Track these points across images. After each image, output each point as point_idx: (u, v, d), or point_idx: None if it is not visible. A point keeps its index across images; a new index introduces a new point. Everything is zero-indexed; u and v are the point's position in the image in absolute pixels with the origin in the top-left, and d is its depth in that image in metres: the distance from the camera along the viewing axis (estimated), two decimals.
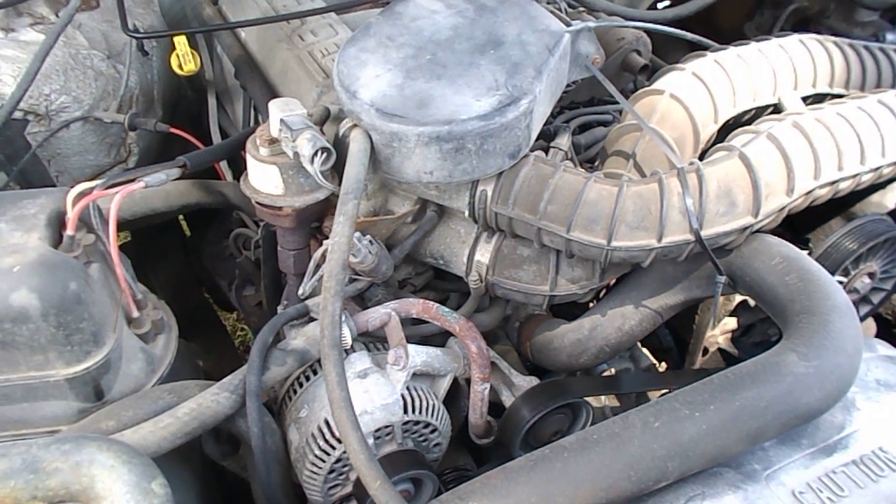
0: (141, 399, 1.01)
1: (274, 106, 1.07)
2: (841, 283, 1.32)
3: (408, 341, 1.09)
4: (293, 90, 1.36)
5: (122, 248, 1.59)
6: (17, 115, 1.43)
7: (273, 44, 1.45)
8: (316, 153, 1.00)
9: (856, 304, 1.39)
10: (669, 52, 2.26)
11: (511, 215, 1.09)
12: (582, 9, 1.64)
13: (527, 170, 1.09)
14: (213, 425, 1.01)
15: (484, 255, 1.19)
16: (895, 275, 1.41)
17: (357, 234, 1.07)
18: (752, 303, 1.45)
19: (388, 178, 1.09)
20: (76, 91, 1.46)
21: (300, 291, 1.08)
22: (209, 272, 1.74)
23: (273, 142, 1.08)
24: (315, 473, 1.09)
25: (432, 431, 1.16)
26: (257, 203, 1.11)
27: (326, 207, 1.18)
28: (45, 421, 0.99)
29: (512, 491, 0.87)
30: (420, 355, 1.13)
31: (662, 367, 1.61)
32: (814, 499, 0.90)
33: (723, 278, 1.05)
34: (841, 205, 1.99)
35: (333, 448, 1.07)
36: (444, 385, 1.18)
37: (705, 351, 1.54)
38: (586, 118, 1.45)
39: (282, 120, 1.05)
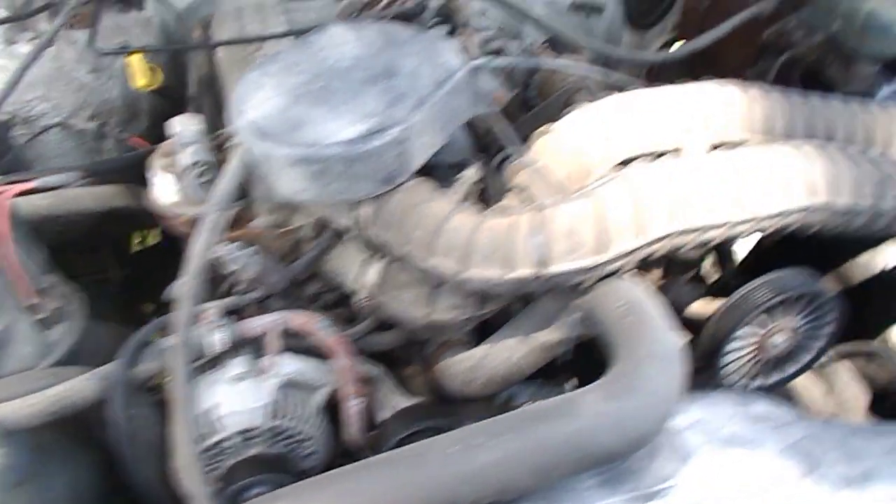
0: (23, 378, 1.11)
1: (176, 120, 1.17)
2: (756, 335, 1.29)
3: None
4: None
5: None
6: (3, 118, 1.60)
7: (232, 65, 1.55)
8: (194, 164, 1.08)
9: (778, 360, 1.35)
10: None
11: (384, 238, 1.14)
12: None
13: (400, 196, 1.13)
14: (82, 408, 1.09)
15: (372, 275, 1.24)
16: (824, 334, 1.36)
17: (237, 244, 1.14)
18: None
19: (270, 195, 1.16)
20: (56, 99, 1.61)
21: (164, 295, 1.16)
22: None
23: (171, 154, 1.17)
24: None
25: (304, 440, 1.21)
26: (155, 212, 1.20)
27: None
28: None
29: (315, 498, 0.91)
30: (293, 365, 1.19)
31: None
32: None
33: (576, 316, 1.06)
34: (827, 263, 1.93)
35: (209, 437, 1.14)
36: (320, 397, 1.23)
37: None
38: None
39: (177, 133, 1.14)
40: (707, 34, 2.01)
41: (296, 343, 1.23)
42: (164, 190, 1.17)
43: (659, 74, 2.41)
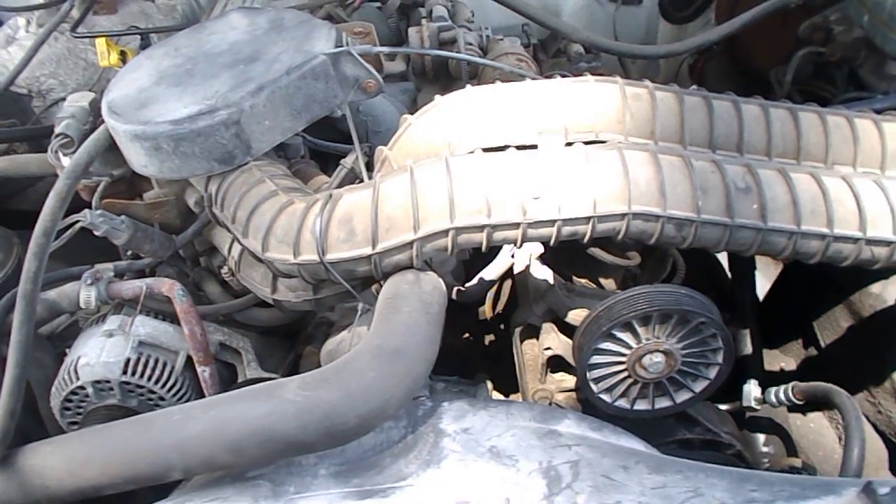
0: None
1: (69, 97, 1.30)
2: (624, 352, 1.20)
3: None
4: None
5: None
6: (22, 91, 1.84)
7: None
8: (57, 137, 1.20)
9: (661, 384, 1.24)
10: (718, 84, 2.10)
11: (222, 217, 1.19)
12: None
13: (235, 176, 1.18)
14: None
15: (235, 251, 1.30)
16: (713, 362, 1.22)
17: (99, 211, 1.25)
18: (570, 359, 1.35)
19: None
20: (63, 77, 1.83)
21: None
22: None
23: None
24: (54, 396, 1.29)
25: (158, 399, 1.30)
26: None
27: (129, 187, 1.37)
28: None
29: (70, 445, 1.01)
30: (146, 327, 1.28)
31: None
32: None
33: (362, 305, 1.05)
34: (840, 293, 1.72)
35: (68, 384, 1.27)
36: (179, 361, 1.31)
37: None
38: None
39: (62, 108, 1.27)
40: (725, 25, 1.84)
41: (166, 308, 1.32)
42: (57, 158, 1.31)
43: (703, 70, 2.24)
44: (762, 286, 2.14)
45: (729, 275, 1.98)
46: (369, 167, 1.28)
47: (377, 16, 1.81)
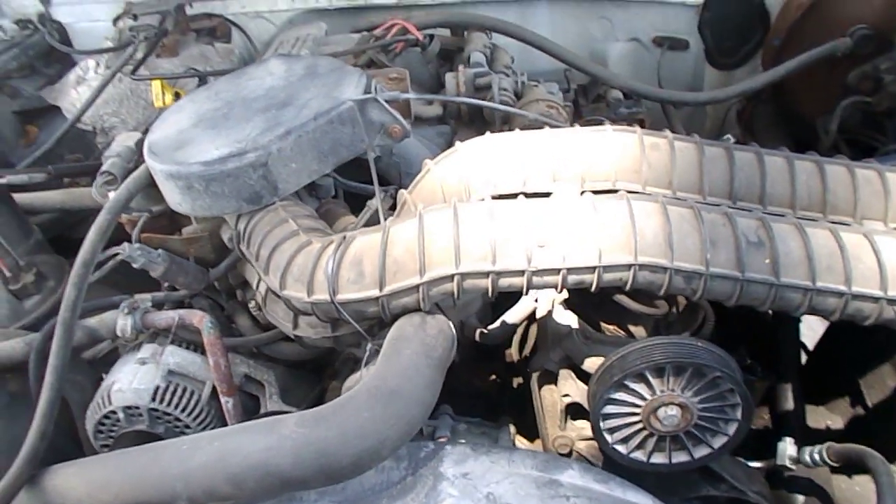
0: None
1: (119, 136, 1.38)
2: (638, 403, 1.18)
3: None
4: None
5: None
6: (87, 128, 1.96)
7: None
8: (101, 174, 1.28)
9: (678, 438, 1.21)
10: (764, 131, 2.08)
11: (246, 254, 1.24)
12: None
13: (261, 215, 1.23)
14: (9, 364, 1.34)
15: (262, 286, 1.34)
16: (732, 417, 1.19)
17: (138, 245, 1.32)
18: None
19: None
20: (124, 115, 1.94)
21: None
22: None
23: None
24: (89, 419, 1.36)
25: (184, 426, 1.34)
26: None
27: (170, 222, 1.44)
28: None
29: (91, 469, 1.06)
30: (176, 357, 1.34)
31: None
32: None
33: (371, 345, 1.07)
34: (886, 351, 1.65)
35: (102, 408, 1.33)
36: (206, 391, 1.36)
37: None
38: None
39: (110, 147, 1.35)
40: (769, 72, 1.83)
41: (197, 339, 1.37)
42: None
43: (750, 117, 2.21)
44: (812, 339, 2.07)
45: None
46: (396, 209, 1.31)
47: (419, 61, 1.86)
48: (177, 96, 1.75)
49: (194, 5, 2.18)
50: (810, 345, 2.09)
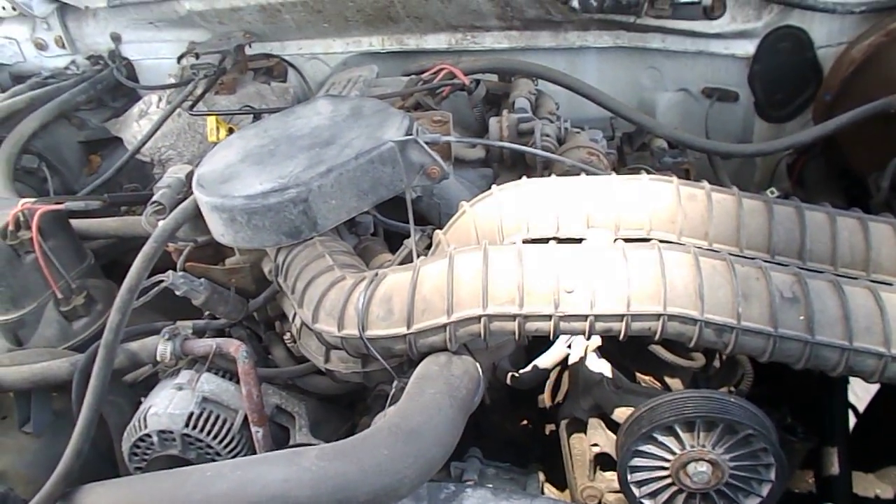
0: (31, 353, 1.45)
1: (171, 168, 1.44)
2: (667, 457, 1.16)
3: None
4: None
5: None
6: (145, 160, 2.05)
7: None
8: (151, 204, 1.34)
9: (709, 496, 1.18)
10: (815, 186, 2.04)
11: (283, 286, 1.27)
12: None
13: (299, 249, 1.26)
14: (54, 383, 1.39)
15: (298, 319, 1.37)
16: (765, 478, 1.15)
17: (181, 273, 1.36)
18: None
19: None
20: (181, 148, 2.02)
21: None
22: None
23: None
24: (125, 441, 1.39)
25: (215, 454, 1.37)
26: None
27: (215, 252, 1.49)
28: None
29: (119, 490, 1.09)
30: (211, 384, 1.37)
31: None
32: None
33: (397, 383, 1.08)
34: None
35: (137, 431, 1.37)
36: (238, 419, 1.38)
37: None
38: None
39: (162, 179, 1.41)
40: (818, 127, 1.81)
41: (234, 368, 1.40)
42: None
43: (802, 170, 2.17)
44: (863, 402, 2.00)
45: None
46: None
47: (465, 104, 1.89)
48: (230, 132, 1.81)
49: (254, 46, 2.26)
50: (861, 408, 2.02)
